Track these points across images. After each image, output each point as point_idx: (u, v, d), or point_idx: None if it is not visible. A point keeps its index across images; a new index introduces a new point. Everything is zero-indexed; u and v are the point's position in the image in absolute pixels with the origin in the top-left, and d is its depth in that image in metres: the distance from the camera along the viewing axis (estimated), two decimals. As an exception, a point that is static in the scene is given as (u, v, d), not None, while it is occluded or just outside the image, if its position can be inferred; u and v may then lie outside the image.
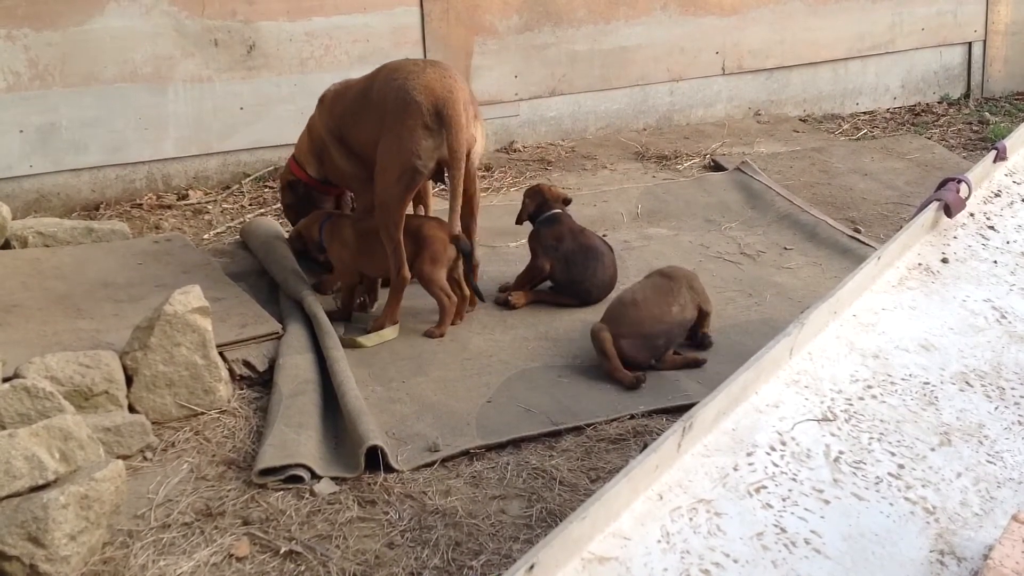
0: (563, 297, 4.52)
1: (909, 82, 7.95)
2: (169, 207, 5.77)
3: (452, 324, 4.30)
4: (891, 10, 7.66)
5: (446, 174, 4.22)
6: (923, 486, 2.52)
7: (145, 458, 3.48)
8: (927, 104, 7.95)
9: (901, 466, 2.59)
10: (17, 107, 5.47)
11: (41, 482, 2.87)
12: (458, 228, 4.14)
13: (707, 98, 7.34)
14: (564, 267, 4.49)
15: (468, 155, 4.13)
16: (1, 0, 5.31)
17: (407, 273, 4.22)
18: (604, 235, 5.22)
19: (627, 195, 5.89)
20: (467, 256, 4.27)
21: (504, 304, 4.51)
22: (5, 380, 3.30)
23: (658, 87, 7.16)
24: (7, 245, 4.91)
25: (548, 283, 4.61)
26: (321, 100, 4.68)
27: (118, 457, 3.27)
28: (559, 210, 4.65)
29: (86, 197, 5.77)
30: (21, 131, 5.50)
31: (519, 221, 4.71)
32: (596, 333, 3.95)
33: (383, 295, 4.46)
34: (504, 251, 5.02)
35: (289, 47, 6.03)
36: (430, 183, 4.68)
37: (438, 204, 4.95)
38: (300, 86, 5.98)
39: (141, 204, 5.79)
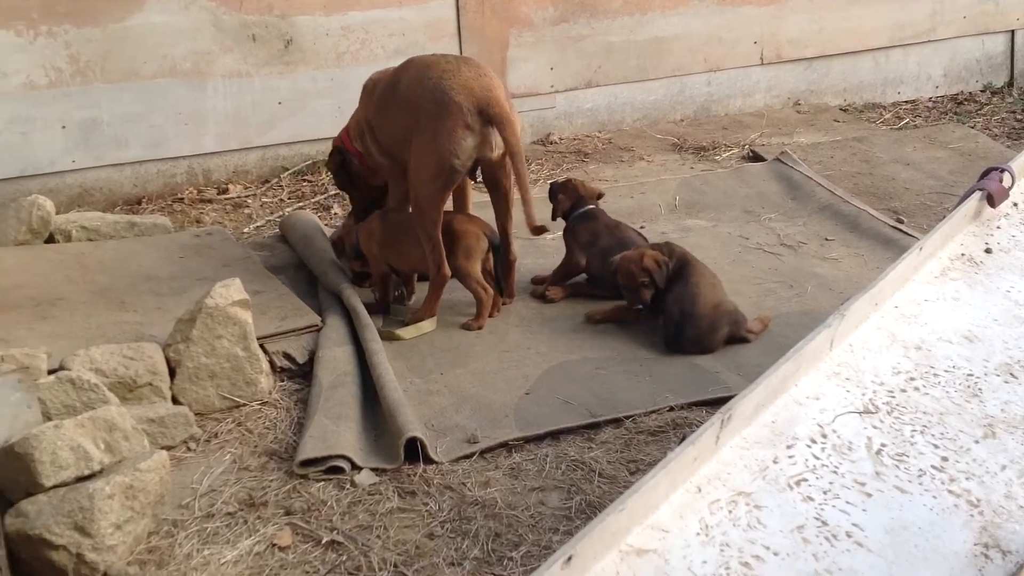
0: (599, 290, 4.51)
1: (951, 70, 7.85)
2: (209, 201, 5.82)
3: (490, 317, 4.31)
4: (932, -2, 7.58)
5: (479, 171, 4.23)
6: (967, 479, 2.50)
7: (189, 449, 3.52)
8: (970, 93, 7.85)
9: (944, 459, 2.57)
10: (59, 103, 5.53)
11: (87, 472, 2.91)
12: (535, 220, 4.13)
13: (745, 88, 7.29)
14: (600, 262, 4.48)
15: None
16: (43, -3, 5.38)
17: (447, 271, 4.23)
18: (642, 227, 5.21)
19: (665, 186, 5.86)
20: (496, 249, 4.29)
21: (540, 298, 4.51)
22: (51, 372, 3.35)
23: (695, 78, 7.12)
24: (51, 239, 4.98)
25: (583, 275, 4.61)
26: (364, 87, 4.69)
27: (162, 448, 3.31)
28: (593, 205, 4.64)
29: (128, 191, 5.83)
30: (63, 127, 5.57)
31: (554, 217, 4.70)
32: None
33: (421, 287, 4.47)
34: (541, 243, 5.01)
35: (326, 41, 6.06)
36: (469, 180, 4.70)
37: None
38: (337, 80, 6.01)
39: (182, 198, 5.85)
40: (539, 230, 4.14)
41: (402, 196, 4.51)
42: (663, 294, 4.10)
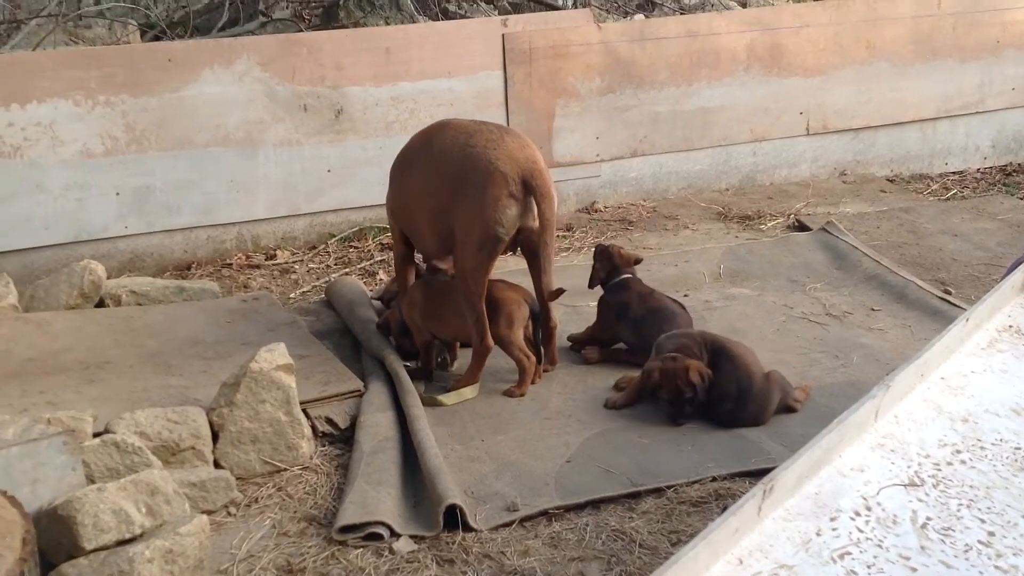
0: (637, 357, 4.48)
1: (1000, 142, 7.81)
2: (257, 267, 5.90)
3: (532, 383, 4.31)
4: (980, 70, 7.57)
5: (520, 241, 4.26)
6: (1015, 555, 2.43)
7: (229, 513, 3.53)
8: (1019, 164, 7.80)
9: (992, 533, 2.51)
10: (115, 170, 5.67)
11: (128, 536, 2.93)
12: (553, 287, 4.15)
13: (791, 158, 7.30)
14: (633, 331, 4.48)
15: None
16: (101, 67, 5.53)
17: (490, 342, 4.24)
18: (685, 295, 5.21)
19: (709, 255, 5.86)
20: (536, 317, 4.30)
21: (576, 351, 4.54)
22: (96, 435, 3.39)
23: (741, 148, 7.15)
24: (101, 303, 5.06)
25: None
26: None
27: (203, 512, 3.32)
28: (629, 275, 4.64)
29: (178, 257, 5.93)
30: (118, 193, 5.69)
31: (591, 285, 4.71)
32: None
33: (464, 353, 4.48)
34: (584, 311, 5.01)
35: (375, 111, 6.16)
36: None
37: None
38: (385, 149, 6.10)
39: (231, 264, 5.93)
40: (555, 295, 4.17)
41: (400, 257, 4.63)
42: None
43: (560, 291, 4.17)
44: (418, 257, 4.79)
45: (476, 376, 4.31)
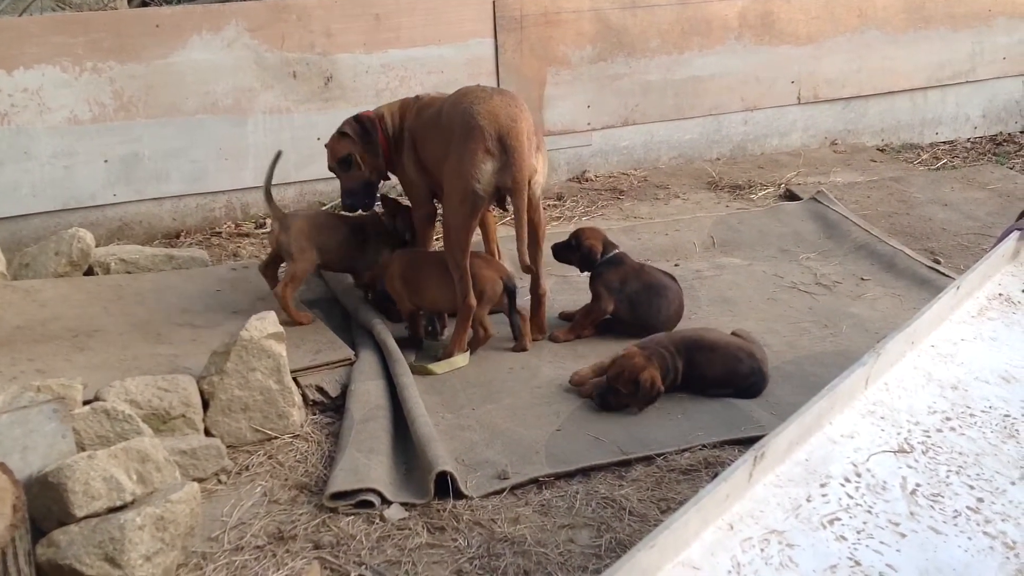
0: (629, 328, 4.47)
1: (990, 111, 7.80)
2: (247, 235, 5.88)
3: (522, 351, 4.32)
4: (971, 39, 7.55)
5: (508, 201, 4.25)
6: (1003, 520, 2.45)
7: (220, 481, 3.53)
8: (1009, 134, 7.80)
9: (980, 500, 2.52)
10: (102, 137, 5.62)
11: (119, 503, 2.93)
12: (527, 258, 4.15)
13: (782, 127, 7.28)
14: (628, 307, 4.47)
15: (529, 184, 4.14)
16: (88, 33, 5.48)
17: (472, 301, 4.24)
18: (676, 264, 5.21)
19: (700, 224, 5.85)
20: (511, 294, 4.32)
21: (553, 340, 4.50)
22: (86, 403, 3.38)
23: (732, 117, 7.13)
24: (90, 272, 5.04)
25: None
26: (417, 98, 4.71)
27: (194, 480, 3.32)
28: (620, 250, 4.62)
29: (167, 225, 5.90)
30: (106, 161, 5.65)
31: (590, 268, 4.60)
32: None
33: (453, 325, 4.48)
34: (575, 280, 5.01)
35: (365, 79, 6.12)
36: (492, 214, 4.73)
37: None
38: (376, 117, 6.06)
39: (220, 232, 5.90)
40: (528, 269, 4.23)
41: (424, 217, 4.61)
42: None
43: (533, 268, 4.24)
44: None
45: (463, 342, 4.31)
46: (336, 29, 5.99)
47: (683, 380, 3.96)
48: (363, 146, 4.66)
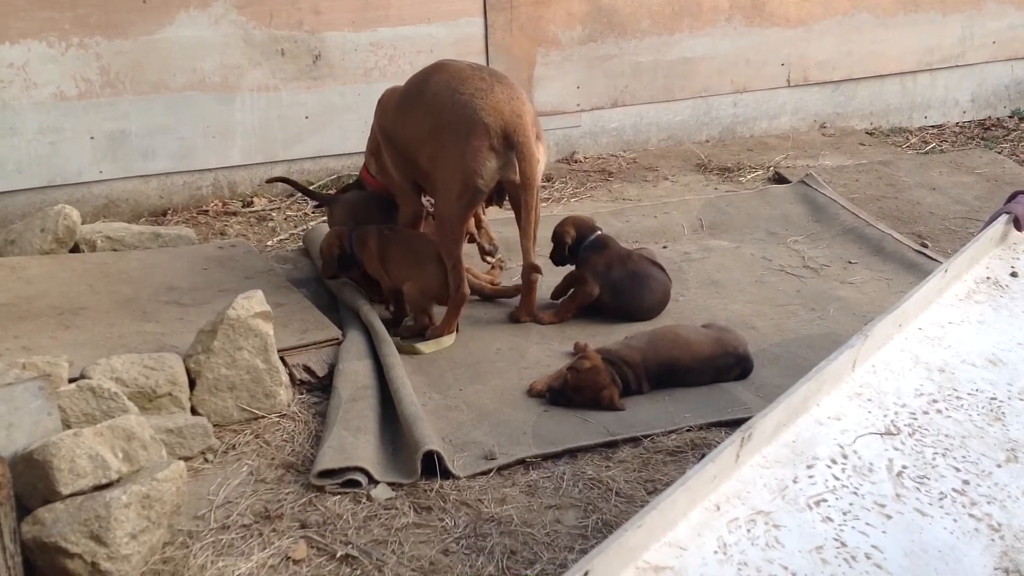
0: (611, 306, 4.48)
1: (979, 96, 7.81)
2: (234, 214, 5.85)
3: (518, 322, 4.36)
4: (961, 23, 7.54)
5: (506, 193, 4.23)
6: (988, 503, 2.47)
7: (206, 460, 3.52)
8: (997, 118, 7.80)
9: (966, 482, 2.54)
10: (88, 114, 5.59)
11: (104, 481, 2.92)
12: (532, 257, 4.14)
13: (771, 110, 7.28)
14: (612, 293, 4.45)
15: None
16: (75, 9, 5.43)
17: (466, 290, 4.23)
18: (664, 247, 5.21)
19: (688, 207, 5.85)
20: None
21: (536, 321, 4.47)
22: (72, 381, 3.36)
23: (721, 99, 7.12)
24: (76, 249, 5.01)
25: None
26: (380, 100, 4.71)
27: (180, 458, 3.30)
28: (602, 233, 4.60)
29: (154, 203, 5.87)
30: (92, 137, 5.62)
31: (571, 253, 4.57)
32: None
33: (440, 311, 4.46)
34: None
35: (354, 57, 6.09)
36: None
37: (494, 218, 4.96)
38: (364, 96, 6.03)
39: (207, 210, 5.88)
40: (532, 268, 4.24)
41: (411, 216, 4.54)
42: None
43: (536, 268, 4.25)
44: (427, 200, 4.72)
45: (452, 326, 4.30)
46: (324, 7, 5.96)
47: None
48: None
